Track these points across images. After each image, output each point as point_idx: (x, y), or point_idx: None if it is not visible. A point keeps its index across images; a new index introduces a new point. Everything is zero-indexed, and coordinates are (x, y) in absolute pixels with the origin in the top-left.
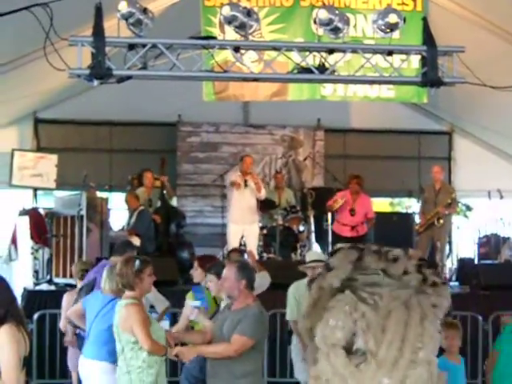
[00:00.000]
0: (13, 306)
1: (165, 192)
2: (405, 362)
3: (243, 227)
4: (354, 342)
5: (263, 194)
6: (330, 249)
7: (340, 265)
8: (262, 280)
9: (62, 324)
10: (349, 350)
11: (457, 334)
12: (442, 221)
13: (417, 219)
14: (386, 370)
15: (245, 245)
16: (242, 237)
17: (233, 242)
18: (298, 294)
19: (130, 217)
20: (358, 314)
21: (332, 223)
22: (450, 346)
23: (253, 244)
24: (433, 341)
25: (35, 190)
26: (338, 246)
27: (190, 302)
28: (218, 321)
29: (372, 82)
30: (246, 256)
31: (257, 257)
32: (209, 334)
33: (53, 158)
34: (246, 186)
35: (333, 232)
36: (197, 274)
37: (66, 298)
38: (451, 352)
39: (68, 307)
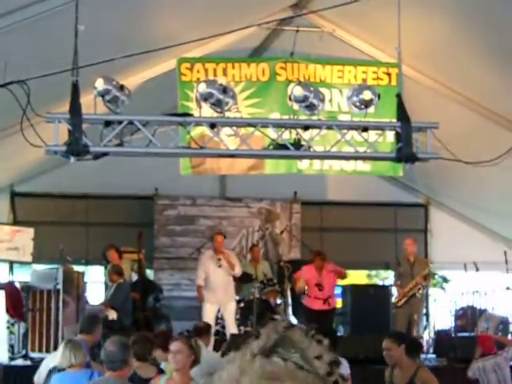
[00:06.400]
0: None
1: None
2: None
3: (219, 308)
4: None
5: (238, 272)
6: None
7: (266, 333)
8: None
9: None
10: None
11: None
12: (421, 291)
13: (394, 291)
14: None
15: (222, 318)
16: (219, 310)
17: (208, 320)
18: None
19: (109, 290)
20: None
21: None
22: None
23: (230, 322)
24: None
25: (11, 263)
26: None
27: None
28: None
29: (347, 157)
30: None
31: (235, 330)
32: None
33: (29, 232)
34: (219, 265)
35: (304, 306)
36: (158, 355)
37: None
38: None
39: None
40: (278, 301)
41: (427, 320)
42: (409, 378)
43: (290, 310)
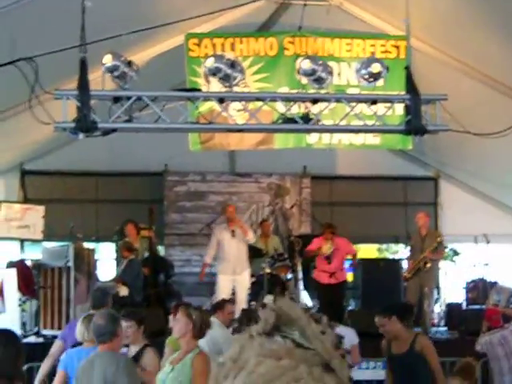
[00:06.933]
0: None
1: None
2: None
3: (233, 277)
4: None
5: (252, 238)
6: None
7: (264, 317)
8: None
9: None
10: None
11: None
12: (428, 265)
13: (404, 265)
14: None
15: (234, 294)
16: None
17: (222, 294)
18: None
19: (120, 266)
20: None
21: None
22: None
23: (243, 294)
24: None
25: (22, 241)
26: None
27: None
28: None
29: (356, 131)
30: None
31: (245, 305)
32: None
33: (39, 210)
34: (233, 235)
35: (313, 279)
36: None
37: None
38: None
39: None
40: (289, 275)
41: (438, 293)
42: (409, 346)
43: (300, 284)
